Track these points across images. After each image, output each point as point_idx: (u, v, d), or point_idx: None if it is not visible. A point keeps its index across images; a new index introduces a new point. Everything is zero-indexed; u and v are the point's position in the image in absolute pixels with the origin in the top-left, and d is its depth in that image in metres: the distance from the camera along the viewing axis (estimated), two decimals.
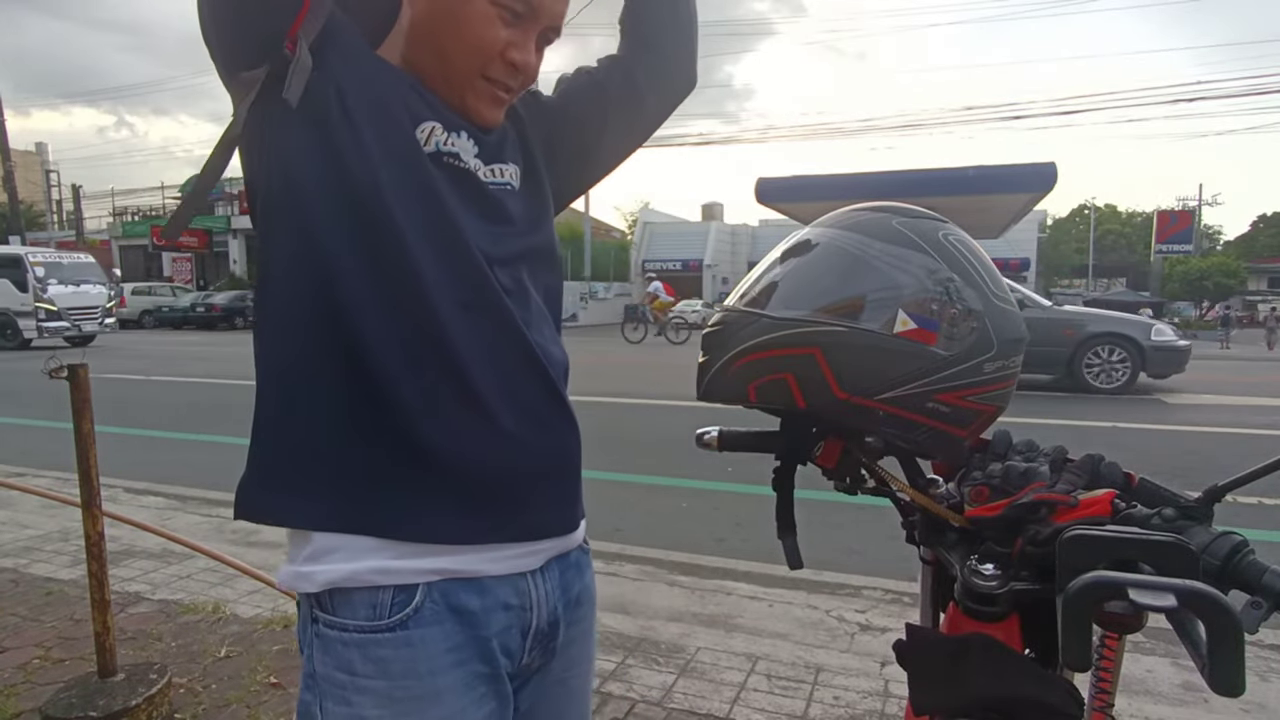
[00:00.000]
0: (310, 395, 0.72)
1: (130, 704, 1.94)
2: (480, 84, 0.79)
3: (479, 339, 0.74)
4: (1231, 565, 0.62)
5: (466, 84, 0.78)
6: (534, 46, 0.80)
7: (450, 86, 0.78)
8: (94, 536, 1.99)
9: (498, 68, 0.78)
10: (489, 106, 0.80)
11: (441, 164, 0.76)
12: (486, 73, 0.78)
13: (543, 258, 0.85)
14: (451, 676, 0.72)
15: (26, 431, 6.74)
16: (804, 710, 2.12)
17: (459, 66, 0.77)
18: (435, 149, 0.76)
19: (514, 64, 0.78)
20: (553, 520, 0.80)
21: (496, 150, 0.84)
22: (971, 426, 0.76)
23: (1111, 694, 0.75)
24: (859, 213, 0.80)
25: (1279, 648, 2.47)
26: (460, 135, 0.79)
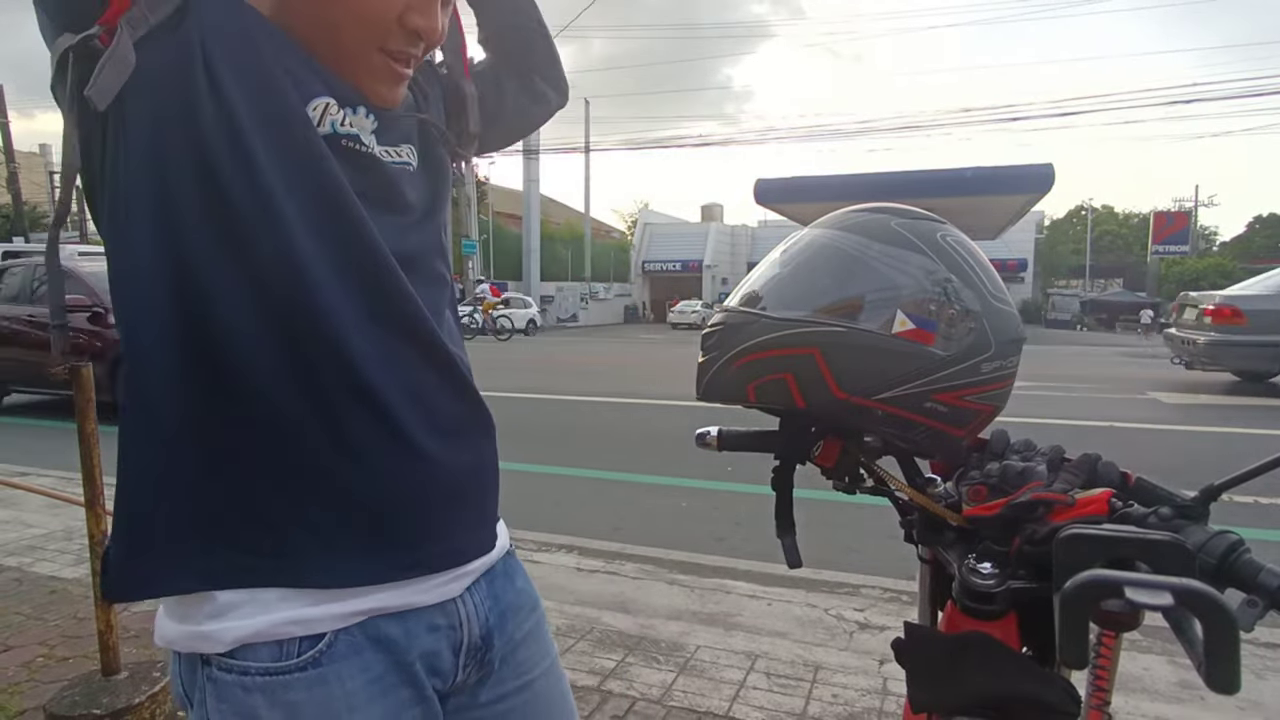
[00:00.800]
0: (191, 436, 0.62)
1: (134, 702, 1.94)
2: (376, 59, 0.67)
3: (390, 353, 0.65)
4: (1228, 564, 0.63)
5: (359, 59, 0.67)
6: (438, 6, 0.69)
7: (341, 62, 0.67)
8: (98, 535, 2.00)
9: (397, 37, 0.67)
10: (388, 85, 0.70)
11: (339, 147, 0.66)
12: (384, 45, 0.67)
13: (441, 247, 0.77)
14: (376, 709, 0.65)
15: (30, 431, 6.74)
16: (803, 708, 2.13)
17: (350, 39, 0.66)
18: (331, 129, 0.66)
19: (416, 31, 0.67)
20: (478, 542, 0.74)
21: (394, 125, 0.73)
22: (969, 426, 0.77)
23: (1108, 692, 0.76)
24: (858, 214, 0.80)
25: (1275, 646, 2.48)
26: (357, 112, 0.69)
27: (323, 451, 0.63)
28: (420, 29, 0.67)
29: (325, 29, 0.65)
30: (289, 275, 0.61)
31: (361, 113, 0.69)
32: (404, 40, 0.67)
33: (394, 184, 0.71)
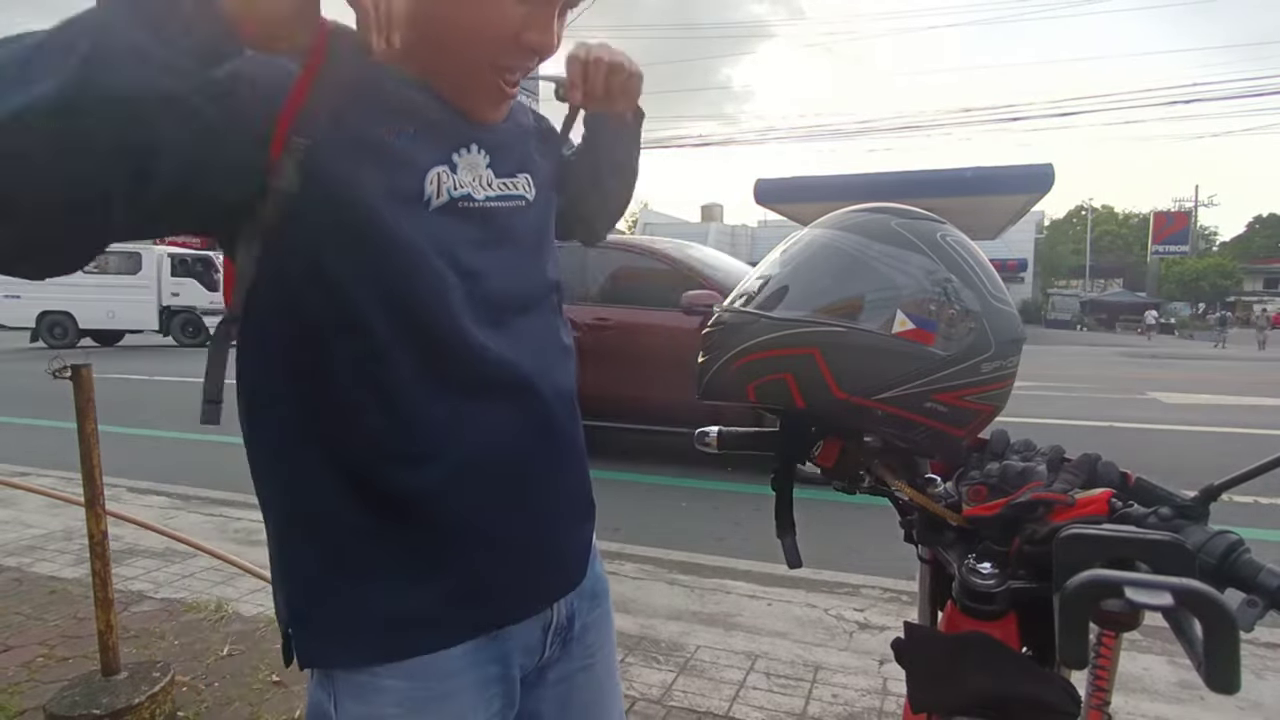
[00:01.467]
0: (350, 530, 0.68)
1: (133, 702, 1.94)
2: (487, 76, 0.68)
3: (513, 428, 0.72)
4: (1227, 564, 0.63)
5: (470, 77, 0.67)
6: (555, 21, 0.67)
7: (447, 80, 0.68)
8: (97, 535, 2.00)
9: (510, 54, 0.66)
10: (493, 102, 0.70)
11: (455, 210, 0.69)
12: (497, 61, 0.66)
13: (552, 277, 0.82)
14: (469, 677, 0.73)
15: (30, 431, 6.74)
16: (803, 708, 2.13)
17: (462, 58, 0.66)
18: (447, 197, 0.68)
19: (532, 47, 0.66)
20: (579, 568, 0.84)
21: (509, 154, 0.75)
22: (969, 426, 0.77)
23: (1108, 691, 0.76)
24: (857, 214, 0.80)
25: (1275, 646, 2.48)
26: (470, 150, 0.70)
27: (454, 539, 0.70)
28: (536, 45, 0.66)
29: (442, 47, 0.65)
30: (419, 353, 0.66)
31: (474, 150, 0.70)
32: (517, 56, 0.67)
33: (507, 227, 0.74)
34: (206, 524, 3.87)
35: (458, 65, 0.67)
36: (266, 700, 2.18)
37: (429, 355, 0.66)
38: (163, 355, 14.54)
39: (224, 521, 3.91)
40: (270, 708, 2.15)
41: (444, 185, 0.68)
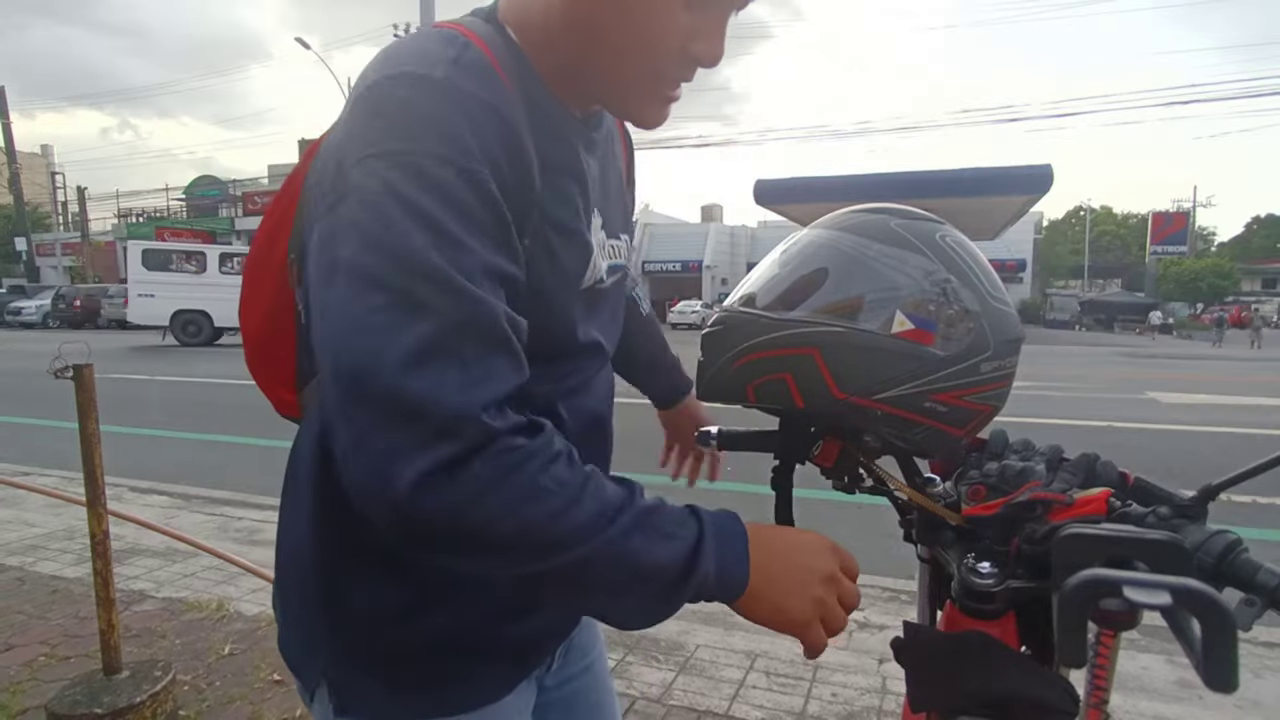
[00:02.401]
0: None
1: (135, 701, 1.95)
2: (649, 85, 0.64)
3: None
4: (1226, 563, 0.63)
5: (634, 84, 0.64)
6: (724, 31, 0.64)
7: (610, 86, 0.65)
8: (99, 535, 2.00)
9: (676, 64, 0.63)
10: (655, 108, 0.67)
11: (593, 292, 0.71)
12: (660, 70, 0.63)
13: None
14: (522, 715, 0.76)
15: (31, 431, 6.74)
16: (802, 707, 2.13)
17: (625, 67, 0.63)
18: (594, 280, 0.70)
19: (697, 57, 0.63)
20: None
21: (616, 216, 0.76)
22: (968, 426, 0.77)
23: (1107, 690, 0.76)
24: (857, 214, 0.80)
25: (1273, 645, 2.49)
26: (594, 216, 0.70)
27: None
28: (703, 55, 0.63)
29: (607, 57, 0.62)
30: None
31: (596, 215, 0.70)
32: (682, 66, 0.64)
33: (613, 297, 0.77)
34: (208, 524, 3.88)
35: (620, 74, 0.64)
36: (267, 699, 2.19)
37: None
38: (164, 355, 14.54)
39: (225, 521, 3.92)
40: (271, 707, 2.15)
41: (597, 269, 0.70)
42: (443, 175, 0.52)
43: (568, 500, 0.53)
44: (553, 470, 0.53)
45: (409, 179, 0.51)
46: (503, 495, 0.50)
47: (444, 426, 0.48)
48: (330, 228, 0.53)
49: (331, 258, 0.52)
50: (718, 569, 0.58)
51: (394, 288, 0.50)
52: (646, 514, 0.56)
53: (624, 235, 0.78)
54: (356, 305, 0.50)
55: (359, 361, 0.49)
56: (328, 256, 0.52)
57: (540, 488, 0.52)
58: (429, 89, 0.54)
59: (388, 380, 0.48)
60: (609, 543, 0.54)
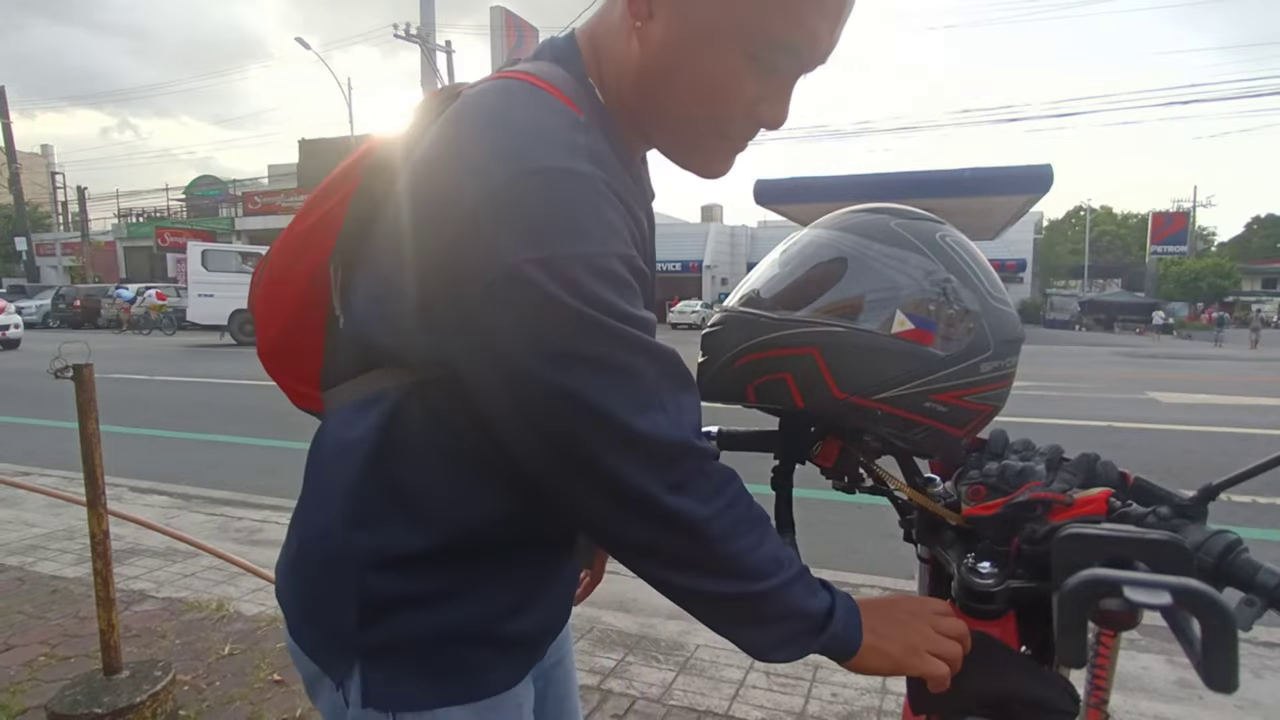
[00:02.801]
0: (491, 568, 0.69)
1: (135, 701, 1.95)
2: (713, 142, 0.67)
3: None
4: (1226, 563, 0.63)
5: (697, 142, 0.67)
6: (790, 95, 0.66)
7: (672, 139, 0.68)
8: (99, 535, 2.00)
9: (740, 125, 0.65)
10: (718, 162, 0.69)
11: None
12: (724, 130, 0.65)
13: None
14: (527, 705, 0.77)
15: (31, 431, 6.74)
16: (802, 707, 2.13)
17: (692, 124, 0.65)
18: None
19: (763, 122, 0.65)
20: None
21: (650, 259, 0.76)
22: (969, 426, 0.77)
23: (1107, 690, 0.76)
24: (857, 214, 0.80)
25: (1273, 645, 2.49)
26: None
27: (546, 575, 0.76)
28: (767, 119, 0.65)
29: (675, 114, 0.65)
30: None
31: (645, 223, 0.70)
32: (747, 127, 0.66)
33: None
34: (208, 523, 3.88)
35: (685, 131, 0.66)
36: (267, 699, 2.19)
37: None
38: (164, 355, 14.54)
39: (225, 521, 3.92)
40: (271, 706, 2.15)
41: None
42: (613, 268, 0.57)
43: (763, 534, 0.63)
44: (751, 501, 0.63)
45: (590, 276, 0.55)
46: (727, 499, 0.61)
47: (686, 450, 0.59)
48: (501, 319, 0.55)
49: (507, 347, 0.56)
50: (844, 628, 0.66)
51: (592, 357, 0.56)
52: (802, 569, 0.66)
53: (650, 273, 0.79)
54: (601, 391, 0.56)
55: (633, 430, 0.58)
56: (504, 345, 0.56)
57: (749, 512, 0.63)
58: (579, 187, 0.56)
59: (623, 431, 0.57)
60: (782, 585, 0.63)
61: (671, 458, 0.58)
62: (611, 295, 0.56)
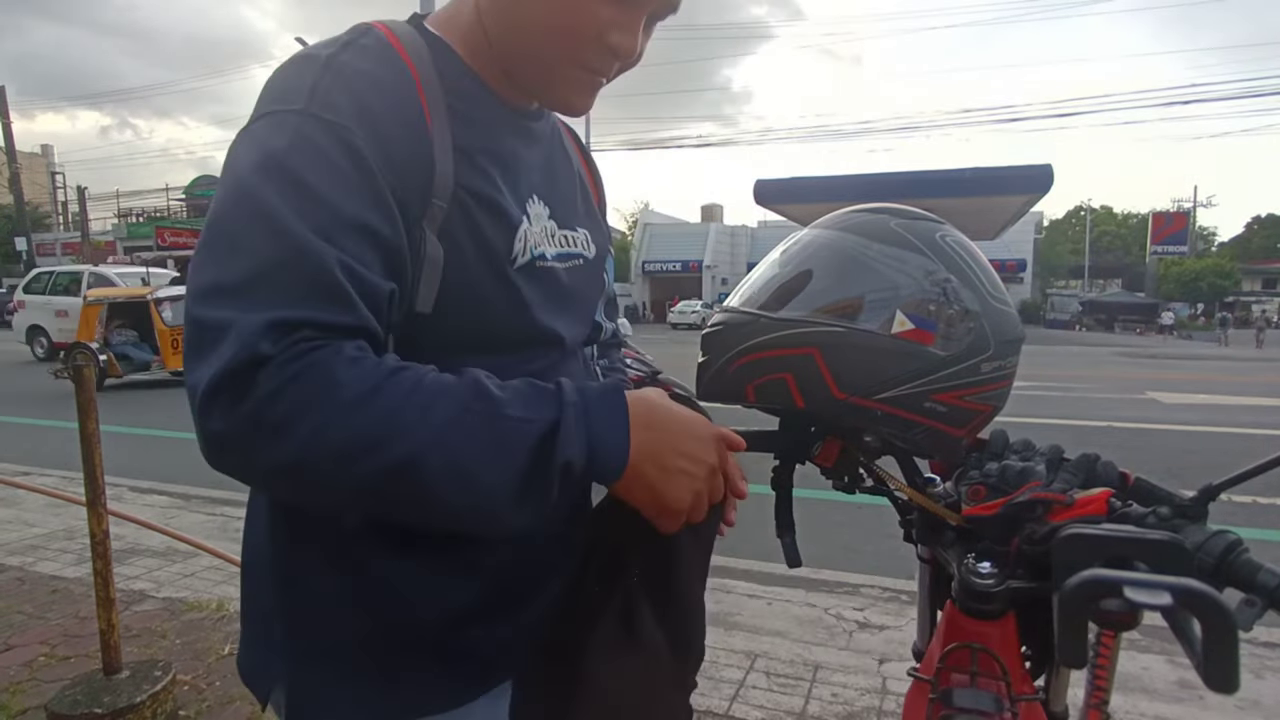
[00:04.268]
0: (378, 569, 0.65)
1: (135, 701, 1.95)
2: (572, 72, 0.67)
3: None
4: (1226, 563, 0.63)
5: (554, 71, 0.67)
6: (640, 26, 0.66)
7: (533, 71, 0.68)
8: (99, 535, 2.00)
9: (594, 54, 0.65)
10: (580, 95, 0.69)
11: (533, 270, 0.69)
12: (582, 61, 0.66)
13: (594, 332, 0.83)
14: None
15: (32, 431, 6.74)
16: (802, 707, 2.13)
17: (545, 51, 0.65)
18: (529, 257, 0.68)
19: (614, 48, 0.65)
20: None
21: (569, 208, 0.77)
22: (969, 426, 0.77)
23: (1107, 691, 0.76)
24: (857, 214, 0.80)
25: (1273, 645, 2.48)
26: (535, 202, 0.71)
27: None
28: (618, 46, 0.65)
29: (530, 43, 0.65)
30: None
31: (537, 202, 0.71)
32: (601, 57, 0.66)
33: (570, 288, 0.74)
34: (208, 523, 3.87)
35: (542, 60, 0.66)
36: None
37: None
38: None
39: (225, 521, 3.92)
40: None
41: (528, 243, 0.68)
42: (307, 129, 0.56)
43: (363, 392, 0.51)
44: (346, 371, 0.52)
45: (273, 132, 0.57)
46: (288, 399, 0.50)
47: (235, 338, 0.50)
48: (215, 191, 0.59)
49: (207, 217, 0.58)
50: (587, 452, 0.57)
51: (225, 230, 0.55)
52: (478, 397, 0.55)
53: (582, 229, 0.78)
54: (198, 252, 0.55)
55: (188, 290, 0.55)
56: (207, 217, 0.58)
57: (331, 385, 0.51)
58: (311, 64, 0.60)
59: (193, 310, 0.53)
60: (431, 439, 0.52)
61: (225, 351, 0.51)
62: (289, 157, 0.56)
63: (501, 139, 0.69)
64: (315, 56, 0.60)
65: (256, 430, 0.50)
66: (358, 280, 0.55)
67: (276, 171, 0.55)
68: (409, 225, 0.60)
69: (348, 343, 0.53)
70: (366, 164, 0.57)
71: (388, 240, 0.58)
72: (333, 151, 0.56)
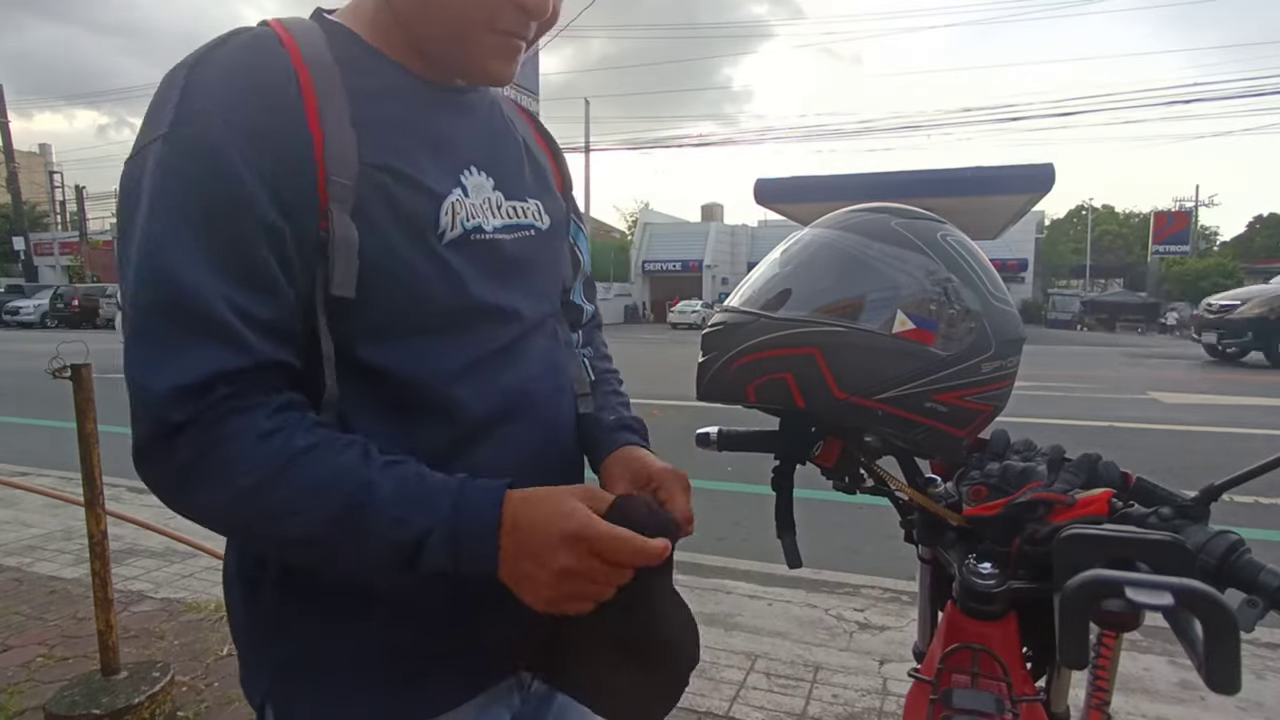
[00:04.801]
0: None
1: (133, 702, 1.94)
2: (488, 38, 0.65)
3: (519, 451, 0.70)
4: (1228, 564, 0.63)
5: (468, 41, 0.65)
6: None
7: (446, 44, 0.66)
8: (97, 535, 2.00)
9: (507, 16, 0.64)
10: (501, 61, 0.67)
11: (468, 243, 0.67)
12: (495, 25, 0.64)
13: (559, 302, 0.82)
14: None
15: (30, 431, 6.74)
16: (803, 708, 2.13)
17: (453, 20, 0.64)
18: (461, 229, 0.66)
19: (525, 8, 0.64)
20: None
21: (515, 179, 0.75)
22: (970, 426, 0.77)
23: (1108, 692, 0.76)
24: (857, 213, 0.80)
25: (1275, 646, 2.48)
26: (474, 172, 0.69)
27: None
28: (530, 6, 0.64)
29: (434, 18, 0.64)
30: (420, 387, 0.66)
31: (477, 172, 0.69)
32: (515, 19, 0.65)
33: (519, 259, 0.72)
34: None
35: (454, 31, 0.65)
36: None
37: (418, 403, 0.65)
38: None
39: None
40: None
41: (458, 216, 0.66)
42: (170, 159, 0.56)
43: (263, 479, 0.55)
44: (253, 452, 0.55)
45: (143, 168, 0.57)
46: (199, 470, 0.55)
47: (147, 407, 0.54)
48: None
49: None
50: (452, 562, 0.58)
51: (122, 273, 0.58)
52: (366, 498, 0.56)
53: (532, 199, 0.76)
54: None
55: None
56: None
57: (236, 468, 0.55)
58: (178, 72, 0.58)
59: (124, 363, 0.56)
60: (320, 527, 0.56)
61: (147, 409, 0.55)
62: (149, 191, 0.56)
63: (420, 112, 0.67)
64: (182, 65, 0.59)
65: (178, 486, 0.57)
66: (246, 311, 0.56)
67: (148, 212, 0.56)
68: (303, 210, 0.58)
69: (262, 409, 0.56)
70: (236, 177, 0.56)
71: (273, 244, 0.57)
72: (195, 172, 0.56)
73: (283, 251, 0.58)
